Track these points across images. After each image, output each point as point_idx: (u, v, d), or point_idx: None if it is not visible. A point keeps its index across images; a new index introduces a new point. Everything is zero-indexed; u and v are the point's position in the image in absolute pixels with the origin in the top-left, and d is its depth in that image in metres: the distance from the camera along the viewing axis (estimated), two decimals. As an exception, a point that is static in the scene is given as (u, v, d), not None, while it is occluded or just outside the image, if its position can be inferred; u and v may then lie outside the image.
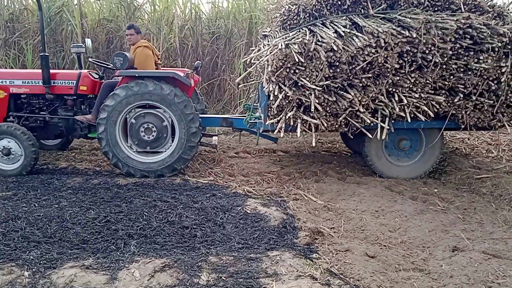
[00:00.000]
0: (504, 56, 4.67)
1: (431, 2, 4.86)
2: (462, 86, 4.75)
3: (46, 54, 5.34)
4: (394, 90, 4.67)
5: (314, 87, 4.49)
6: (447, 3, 4.89)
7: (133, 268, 2.99)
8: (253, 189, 4.79)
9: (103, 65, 5.74)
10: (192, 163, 5.86)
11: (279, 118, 4.71)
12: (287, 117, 4.65)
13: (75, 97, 5.52)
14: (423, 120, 4.81)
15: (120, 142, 5.09)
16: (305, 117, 4.63)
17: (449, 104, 4.83)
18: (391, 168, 5.29)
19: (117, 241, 3.39)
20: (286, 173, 5.50)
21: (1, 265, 2.95)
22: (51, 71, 5.40)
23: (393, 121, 4.85)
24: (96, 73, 5.76)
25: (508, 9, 5.07)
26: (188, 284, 2.82)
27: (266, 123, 4.89)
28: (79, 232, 3.52)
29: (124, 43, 9.09)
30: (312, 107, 4.52)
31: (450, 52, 4.59)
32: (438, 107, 4.83)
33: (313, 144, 4.76)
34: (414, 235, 3.65)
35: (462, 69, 4.70)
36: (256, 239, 3.53)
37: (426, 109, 4.75)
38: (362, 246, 3.43)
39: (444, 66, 4.66)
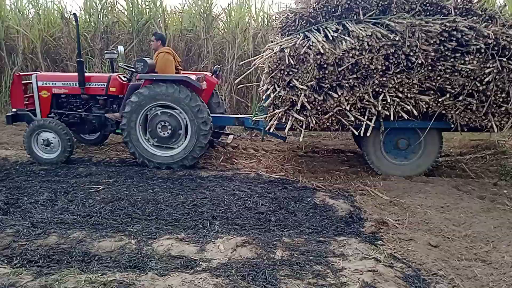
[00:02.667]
0: (491, 57, 4.72)
1: (423, 7, 5.06)
2: (450, 87, 4.87)
3: (82, 59, 6.13)
4: (381, 90, 4.89)
5: (303, 87, 4.83)
6: (439, 8, 5.07)
7: (218, 242, 3.49)
8: (321, 184, 5.14)
9: (130, 69, 6.35)
10: (265, 160, 6.34)
11: (271, 115, 5.11)
12: (277, 115, 5.03)
13: (105, 97, 6.20)
14: (406, 118, 4.98)
15: (139, 134, 5.68)
16: (295, 115, 4.97)
17: (437, 104, 4.97)
18: (389, 166, 5.48)
19: (203, 221, 3.93)
20: (353, 171, 5.78)
21: (113, 234, 3.59)
22: (86, 74, 6.19)
23: (382, 120, 5.07)
24: (124, 76, 6.43)
25: (501, 12, 5.12)
26: (265, 258, 3.26)
27: (261, 120, 5.34)
28: (171, 212, 4.11)
29: (202, 50, 9.86)
30: (298, 105, 4.87)
31: (433, 54, 4.74)
32: (426, 107, 4.98)
33: (300, 140, 5.18)
34: (479, 230, 3.79)
35: (449, 70, 4.83)
36: (325, 226, 3.89)
37: (410, 108, 4.92)
38: (426, 236, 3.66)
39: (430, 67, 4.83)
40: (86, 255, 3.23)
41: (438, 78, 4.89)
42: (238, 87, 8.99)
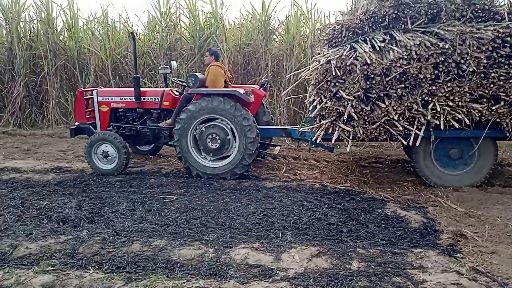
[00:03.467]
0: None
1: (474, 13, 4.90)
2: (504, 94, 4.70)
3: (138, 75, 6.39)
4: (430, 99, 4.77)
5: (350, 98, 4.81)
6: (491, 14, 4.88)
7: (293, 252, 3.54)
8: (390, 195, 5.06)
9: (182, 84, 6.57)
10: (328, 171, 6.33)
11: (317, 126, 5.12)
12: (325, 125, 5.02)
13: (159, 110, 6.47)
14: (458, 127, 4.84)
15: (191, 149, 5.89)
16: (341, 125, 4.94)
17: (491, 112, 4.76)
18: (439, 176, 5.34)
19: (275, 231, 4.00)
20: (421, 182, 5.62)
21: (191, 243, 3.74)
22: (142, 89, 6.46)
23: (432, 130, 4.95)
24: (177, 91, 6.65)
25: None
26: (341, 268, 3.27)
27: (308, 131, 5.42)
28: (243, 222, 4.23)
29: (261, 63, 10.04)
30: (345, 116, 4.86)
31: (485, 61, 4.62)
32: (479, 115, 4.82)
33: (348, 150, 5.16)
34: None
35: (503, 77, 4.67)
36: (399, 238, 3.83)
37: (462, 117, 4.74)
38: (509, 250, 3.50)
39: (482, 75, 4.68)
40: (168, 262, 3.41)
41: (492, 85, 4.73)
42: (286, 98, 9.02)
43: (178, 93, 6.59)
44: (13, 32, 10.56)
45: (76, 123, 6.67)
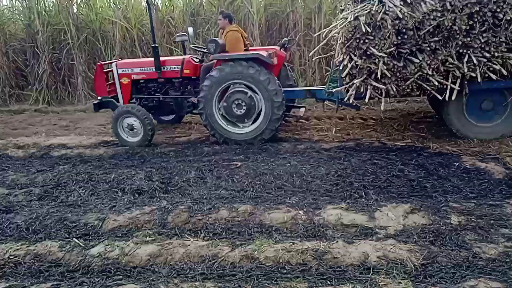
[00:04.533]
0: None
1: None
2: None
3: (157, 45, 6.21)
4: (465, 51, 4.63)
5: (382, 54, 4.64)
6: None
7: (385, 210, 3.49)
8: (456, 149, 4.96)
9: (201, 50, 6.39)
10: (381, 128, 6.23)
11: (349, 85, 4.98)
12: (356, 84, 4.89)
13: (181, 79, 6.33)
14: (495, 79, 4.69)
15: (217, 116, 5.81)
16: (374, 83, 4.81)
17: None
18: (472, 129, 5.29)
19: (357, 191, 3.94)
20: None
21: (278, 206, 3.70)
22: (161, 58, 6.26)
23: (466, 82, 4.83)
24: (197, 57, 6.46)
25: None
26: (441, 223, 3.22)
27: (336, 91, 5.36)
28: (320, 184, 4.17)
29: (289, 23, 9.73)
30: (379, 73, 4.69)
31: None
32: None
33: (382, 109, 5.04)
34: None
35: None
36: (488, 190, 3.77)
37: (498, 68, 4.57)
38: None
39: None
40: (263, 227, 3.38)
41: None
42: (314, 58, 8.74)
43: (198, 60, 6.46)
44: (33, 7, 10.29)
45: (98, 98, 6.57)
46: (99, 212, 3.80)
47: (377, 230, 3.23)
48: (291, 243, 3.04)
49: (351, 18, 4.76)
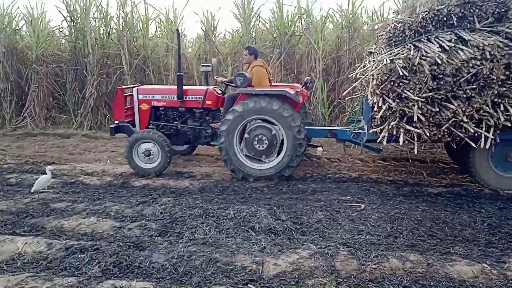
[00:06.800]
0: None
1: None
2: None
3: (181, 73, 6.16)
4: (500, 100, 4.63)
5: (417, 98, 4.63)
6: None
7: None
8: None
9: (227, 83, 6.36)
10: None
11: (382, 127, 4.94)
12: (390, 127, 4.87)
13: (202, 110, 6.28)
14: None
15: (237, 151, 5.68)
16: (408, 127, 4.79)
17: None
18: (496, 179, 5.20)
19: (522, 243, 3.64)
20: None
21: (450, 257, 3.35)
22: (184, 87, 6.18)
23: (498, 132, 4.80)
24: (220, 89, 6.44)
25: None
26: None
27: (370, 132, 5.23)
28: (474, 233, 3.87)
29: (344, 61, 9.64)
30: (415, 118, 4.66)
31: None
32: None
33: (415, 152, 4.94)
34: None
35: None
36: None
37: None
38: None
39: None
40: (450, 280, 3.03)
41: None
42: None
43: (220, 92, 6.38)
44: (84, 29, 10.09)
45: (115, 122, 6.39)
46: (249, 254, 3.41)
47: None
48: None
49: (387, 61, 4.75)
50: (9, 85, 10.24)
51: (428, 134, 4.80)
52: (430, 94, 4.67)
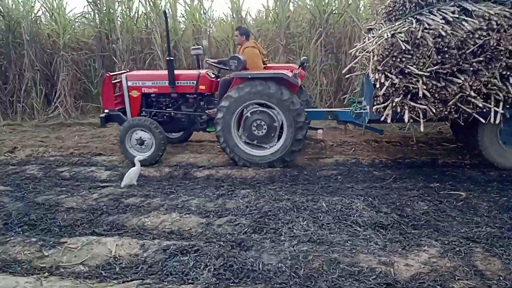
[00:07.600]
0: None
1: None
2: None
3: (172, 58, 5.80)
4: (508, 73, 4.37)
5: (421, 73, 4.38)
6: None
7: None
8: None
9: (219, 66, 6.00)
10: None
11: (385, 105, 4.66)
12: (393, 104, 4.59)
13: (195, 95, 5.93)
14: None
15: (236, 138, 5.42)
16: (412, 104, 4.53)
17: None
18: (505, 156, 5.00)
19: None
20: None
21: None
22: (175, 72, 5.81)
23: (508, 106, 4.53)
24: (212, 73, 6.09)
25: None
26: None
27: (373, 111, 4.89)
28: None
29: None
30: (420, 93, 4.39)
31: None
32: None
33: (421, 130, 4.61)
34: None
35: None
36: None
37: None
38: None
39: None
40: None
41: None
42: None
43: (214, 76, 6.04)
44: (110, 13, 9.62)
45: (105, 111, 6.02)
46: (370, 253, 3.04)
47: None
48: None
49: (388, 35, 4.47)
50: (36, 74, 9.83)
51: (434, 111, 4.54)
52: (435, 68, 4.40)
